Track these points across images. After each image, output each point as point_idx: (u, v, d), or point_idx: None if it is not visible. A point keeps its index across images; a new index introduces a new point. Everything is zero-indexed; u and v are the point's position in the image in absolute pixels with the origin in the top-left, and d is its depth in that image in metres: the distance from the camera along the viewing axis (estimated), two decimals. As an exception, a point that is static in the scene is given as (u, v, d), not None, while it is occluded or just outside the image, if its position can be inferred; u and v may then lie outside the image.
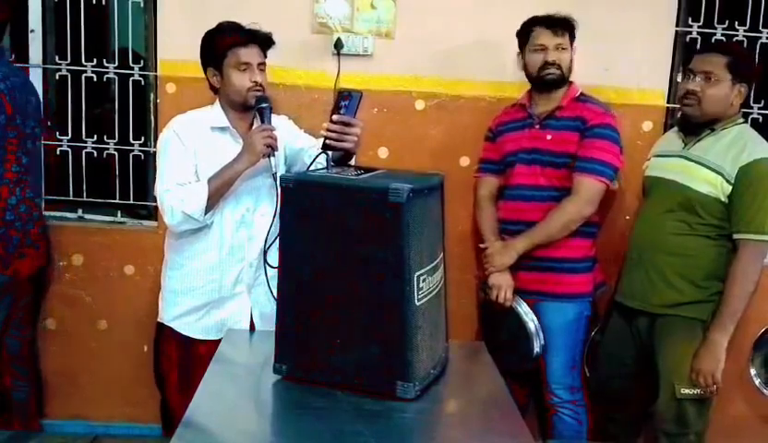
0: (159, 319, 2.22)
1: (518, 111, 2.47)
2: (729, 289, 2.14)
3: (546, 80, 2.35)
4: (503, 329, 2.42)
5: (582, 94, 2.39)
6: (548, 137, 2.36)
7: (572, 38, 2.36)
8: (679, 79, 2.35)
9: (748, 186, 2.11)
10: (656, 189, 2.32)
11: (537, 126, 2.39)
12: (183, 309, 2.15)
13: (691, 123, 2.26)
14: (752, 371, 2.70)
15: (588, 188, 2.29)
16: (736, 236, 2.15)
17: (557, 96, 2.38)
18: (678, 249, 2.22)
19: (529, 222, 2.36)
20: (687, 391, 2.19)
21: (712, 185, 2.16)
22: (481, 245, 2.47)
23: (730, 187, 2.13)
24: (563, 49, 2.33)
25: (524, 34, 2.38)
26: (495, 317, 2.45)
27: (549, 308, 2.38)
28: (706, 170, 2.17)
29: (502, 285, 2.35)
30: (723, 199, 2.15)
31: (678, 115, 2.42)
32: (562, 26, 2.33)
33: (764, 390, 2.70)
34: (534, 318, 2.36)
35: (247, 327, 2.15)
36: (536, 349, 2.36)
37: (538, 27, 2.35)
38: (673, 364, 2.22)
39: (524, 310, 2.36)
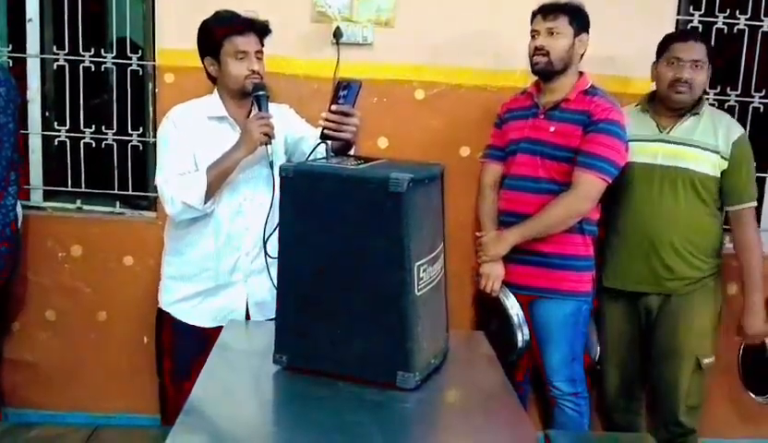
0: (158, 305, 2.23)
1: (526, 98, 2.42)
2: (751, 253, 2.37)
3: (534, 69, 2.32)
4: (492, 319, 2.40)
5: (592, 86, 2.32)
6: (551, 128, 2.30)
7: (578, 26, 2.28)
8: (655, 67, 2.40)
9: (741, 160, 2.33)
10: (649, 175, 2.35)
11: (542, 117, 2.34)
12: (180, 295, 2.17)
13: (673, 107, 2.35)
14: None
15: (587, 184, 2.23)
16: (736, 207, 2.36)
17: (562, 86, 2.31)
18: (694, 230, 2.35)
19: (524, 215, 2.31)
20: (708, 361, 2.39)
21: (712, 164, 2.32)
22: (477, 234, 2.45)
23: (726, 163, 2.32)
24: (556, 34, 2.25)
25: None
26: (485, 306, 2.44)
27: (545, 304, 2.35)
28: (701, 151, 2.31)
29: (491, 275, 2.33)
30: (718, 176, 2.33)
31: (647, 100, 2.45)
32: (554, 9, 2.26)
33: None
34: (520, 311, 2.32)
35: (243, 315, 2.15)
36: (519, 342, 2.32)
37: (537, 15, 2.31)
38: (694, 337, 2.37)
39: (510, 303, 2.33)
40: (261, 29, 2.11)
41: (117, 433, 2.04)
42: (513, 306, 2.33)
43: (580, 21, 2.30)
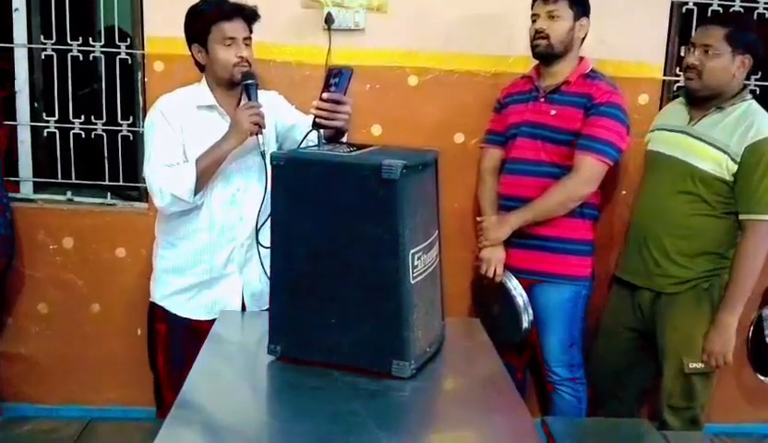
0: (150, 299, 2.21)
1: (526, 83, 2.43)
2: (738, 269, 2.15)
3: (534, 52, 2.32)
4: (493, 303, 2.41)
5: (592, 70, 2.32)
6: (552, 112, 2.30)
7: (578, 10, 2.28)
8: (683, 53, 2.33)
9: (755, 166, 2.10)
10: (659, 166, 2.30)
11: (542, 100, 2.33)
12: (173, 288, 2.14)
13: (697, 96, 2.24)
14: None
15: (589, 168, 2.24)
16: (743, 216, 2.15)
17: (562, 70, 2.31)
18: (685, 229, 2.23)
19: (526, 199, 2.32)
20: (695, 365, 2.24)
21: (716, 163, 2.15)
22: (478, 219, 2.45)
23: (736, 166, 2.13)
24: (556, 17, 2.25)
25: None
26: (486, 291, 2.44)
27: (544, 289, 2.36)
28: (710, 148, 2.17)
29: (492, 259, 2.34)
30: (728, 178, 2.15)
31: (675, 88, 2.40)
32: None
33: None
34: (523, 293, 2.34)
35: (239, 307, 2.14)
36: (525, 324, 2.34)
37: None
38: (680, 338, 2.25)
39: (513, 285, 2.35)
40: (250, 15, 2.08)
41: (111, 426, 2.03)
42: (517, 288, 2.35)
43: (580, 5, 2.29)
